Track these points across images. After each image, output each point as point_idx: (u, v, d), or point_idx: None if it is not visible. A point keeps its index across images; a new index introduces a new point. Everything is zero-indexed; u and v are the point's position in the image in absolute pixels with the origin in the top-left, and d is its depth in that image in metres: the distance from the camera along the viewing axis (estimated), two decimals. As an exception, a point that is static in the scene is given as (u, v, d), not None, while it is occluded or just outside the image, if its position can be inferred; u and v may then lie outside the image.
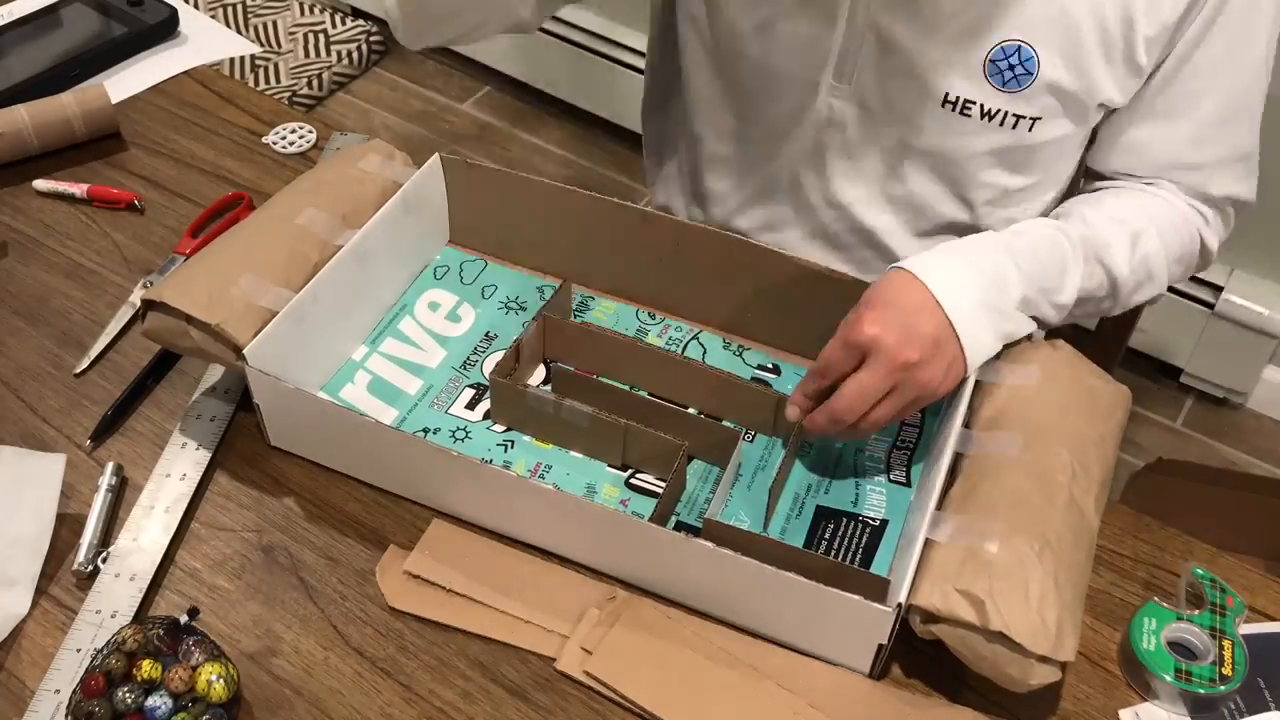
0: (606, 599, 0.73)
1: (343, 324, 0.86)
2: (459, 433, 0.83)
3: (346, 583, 0.75)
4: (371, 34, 2.46)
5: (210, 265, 0.80)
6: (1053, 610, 0.65)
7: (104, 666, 0.65)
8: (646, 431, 0.79)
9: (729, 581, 0.71)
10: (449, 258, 0.96)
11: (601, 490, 0.80)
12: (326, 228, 0.85)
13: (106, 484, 0.78)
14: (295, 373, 0.79)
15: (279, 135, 1.10)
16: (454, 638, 0.72)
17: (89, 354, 0.89)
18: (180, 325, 0.78)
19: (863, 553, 0.77)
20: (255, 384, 0.78)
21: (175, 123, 1.12)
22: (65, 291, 0.94)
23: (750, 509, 0.79)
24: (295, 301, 0.79)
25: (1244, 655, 0.71)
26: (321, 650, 0.72)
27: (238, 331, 0.76)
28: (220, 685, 0.65)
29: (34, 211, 1.02)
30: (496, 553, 0.76)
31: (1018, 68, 0.82)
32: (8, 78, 1.12)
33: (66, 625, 0.72)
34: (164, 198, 1.04)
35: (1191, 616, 0.73)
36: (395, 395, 0.85)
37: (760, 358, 0.90)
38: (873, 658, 0.70)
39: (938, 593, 0.66)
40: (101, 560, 0.75)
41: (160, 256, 0.97)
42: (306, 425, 0.79)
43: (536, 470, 0.81)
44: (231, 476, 0.81)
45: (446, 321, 0.91)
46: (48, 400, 0.86)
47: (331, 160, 0.92)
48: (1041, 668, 0.65)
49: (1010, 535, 0.68)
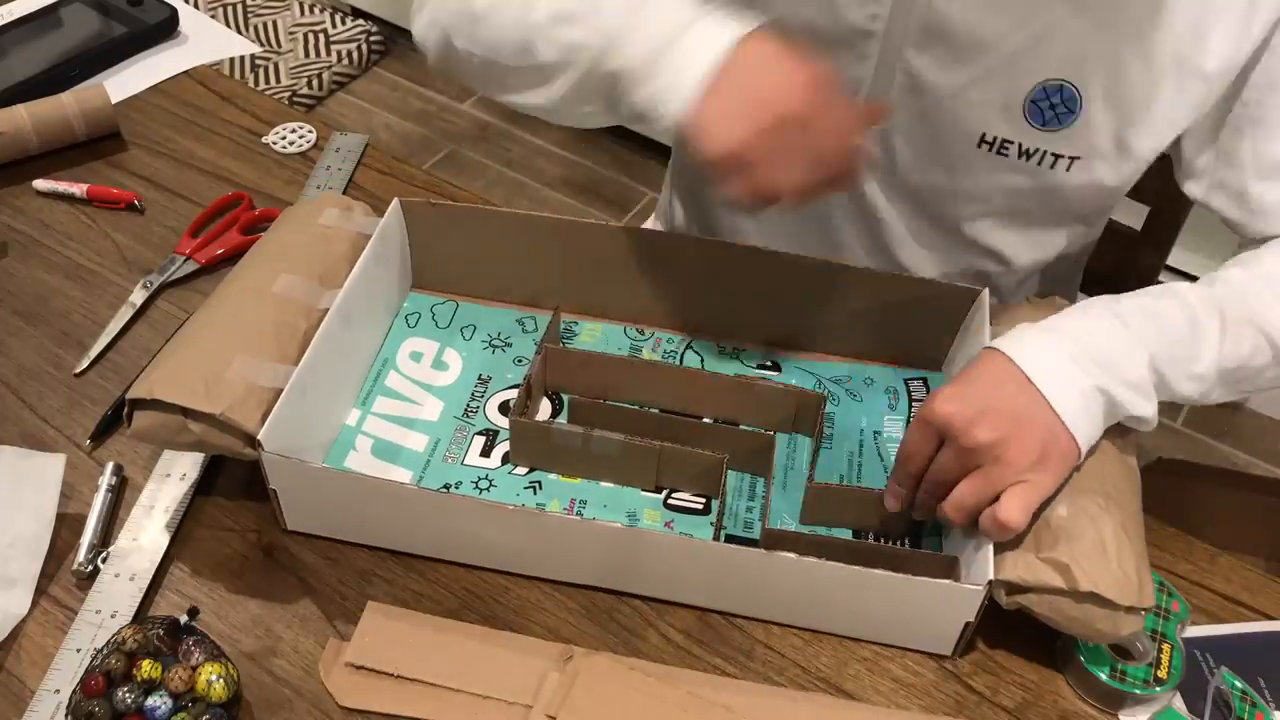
0: (564, 660, 0.71)
1: (337, 390, 0.83)
2: (482, 482, 0.80)
3: (346, 583, 0.75)
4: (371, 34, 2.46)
5: (196, 350, 0.74)
6: (1130, 560, 0.67)
7: (104, 666, 0.65)
8: (682, 450, 0.77)
9: (809, 588, 0.71)
10: (417, 303, 0.93)
11: (643, 516, 0.78)
12: (305, 292, 0.80)
13: (106, 484, 0.78)
14: (302, 449, 0.75)
15: (279, 135, 1.10)
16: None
17: (89, 354, 0.89)
18: (177, 420, 0.71)
19: (911, 536, 0.78)
20: (273, 471, 0.73)
21: (175, 123, 1.12)
22: (65, 291, 0.94)
23: (791, 509, 0.79)
24: (297, 375, 0.74)
25: (1181, 660, 0.71)
26: (321, 650, 0.72)
27: (244, 417, 0.71)
28: (220, 685, 0.65)
29: (34, 211, 1.02)
30: (438, 629, 0.72)
31: (1059, 107, 0.80)
32: (8, 78, 1.12)
33: (66, 625, 0.72)
34: (164, 198, 1.04)
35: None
36: (403, 455, 0.82)
37: (758, 357, 0.89)
38: (958, 637, 0.71)
39: (1022, 563, 0.68)
40: (101, 560, 0.75)
41: (160, 256, 0.98)
42: (333, 502, 0.75)
43: (571, 508, 0.78)
44: (231, 476, 0.81)
45: (434, 370, 0.87)
46: (48, 400, 0.86)
47: (288, 220, 0.88)
48: (1129, 617, 0.67)
49: (1074, 495, 0.69)
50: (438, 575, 0.76)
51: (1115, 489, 0.70)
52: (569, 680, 0.70)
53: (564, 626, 0.74)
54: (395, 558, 0.77)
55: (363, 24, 2.47)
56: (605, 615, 0.74)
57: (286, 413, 0.73)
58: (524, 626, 0.73)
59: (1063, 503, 0.69)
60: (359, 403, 0.85)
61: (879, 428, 0.84)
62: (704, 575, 0.73)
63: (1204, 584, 0.78)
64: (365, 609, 0.73)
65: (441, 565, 0.76)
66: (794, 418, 0.83)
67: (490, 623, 0.74)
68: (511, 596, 0.75)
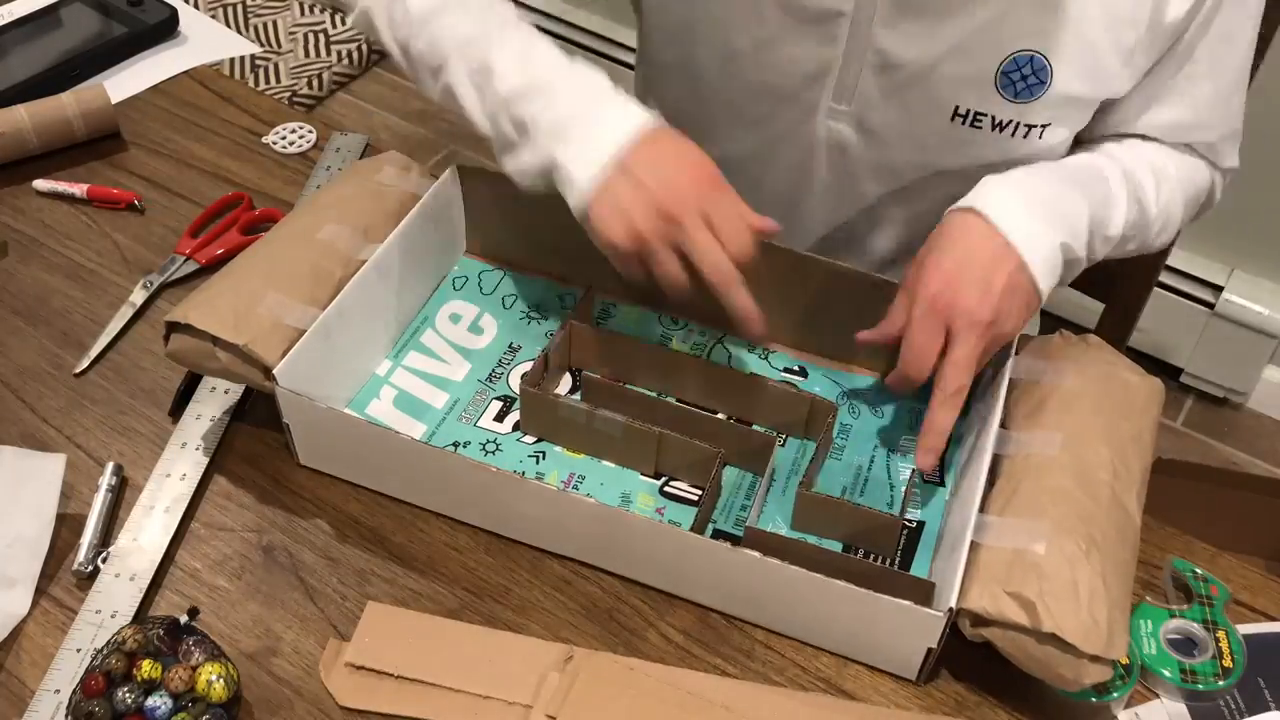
0: (563, 659, 0.71)
1: (367, 339, 0.86)
2: (489, 445, 0.82)
3: (346, 583, 0.75)
4: (371, 34, 2.46)
5: (234, 284, 0.79)
6: (1103, 609, 0.65)
7: (104, 666, 0.65)
8: (681, 439, 0.78)
9: (775, 590, 0.71)
10: (467, 268, 0.95)
11: (637, 500, 0.79)
12: (348, 242, 0.84)
13: (106, 484, 0.78)
14: (322, 390, 0.78)
15: (279, 135, 1.10)
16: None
17: (89, 354, 0.89)
18: (206, 347, 0.76)
19: (901, 554, 0.77)
20: (286, 404, 0.77)
21: (175, 123, 1.12)
22: (65, 291, 0.94)
23: (785, 513, 0.79)
24: (322, 319, 0.78)
25: (1240, 643, 0.71)
26: (321, 650, 0.72)
27: (265, 351, 0.75)
28: (220, 685, 0.65)
29: (34, 211, 1.02)
30: (439, 628, 0.73)
31: (1030, 78, 0.81)
32: (8, 78, 1.12)
33: (66, 625, 0.72)
34: (164, 198, 1.04)
35: (1183, 612, 0.73)
36: (422, 410, 0.84)
37: (786, 360, 0.89)
38: (921, 662, 0.70)
39: (988, 595, 0.66)
40: (101, 560, 0.75)
41: (160, 256, 0.97)
42: (339, 444, 0.78)
43: (570, 481, 0.80)
44: (231, 476, 0.81)
45: (469, 333, 0.90)
46: (48, 400, 0.86)
47: (348, 173, 0.91)
48: (1094, 666, 0.65)
49: (1056, 535, 0.67)
50: (438, 575, 0.76)
51: (1103, 535, 0.68)
52: (569, 680, 0.70)
53: (564, 626, 0.74)
54: (395, 558, 0.77)
55: (363, 24, 2.47)
56: (605, 615, 0.74)
57: (307, 353, 0.77)
58: (524, 626, 0.73)
59: (1041, 540, 0.67)
60: (392, 355, 0.88)
61: (894, 444, 0.84)
62: (676, 563, 0.73)
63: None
64: (365, 609, 0.73)
65: (441, 565, 0.76)
66: (806, 423, 0.83)
67: (490, 623, 0.74)
68: (512, 596, 0.75)
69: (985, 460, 0.73)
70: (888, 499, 0.80)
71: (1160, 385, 0.80)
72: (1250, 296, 1.76)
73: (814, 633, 0.72)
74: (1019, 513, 0.70)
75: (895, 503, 0.80)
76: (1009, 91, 0.82)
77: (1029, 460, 0.73)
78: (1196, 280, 1.79)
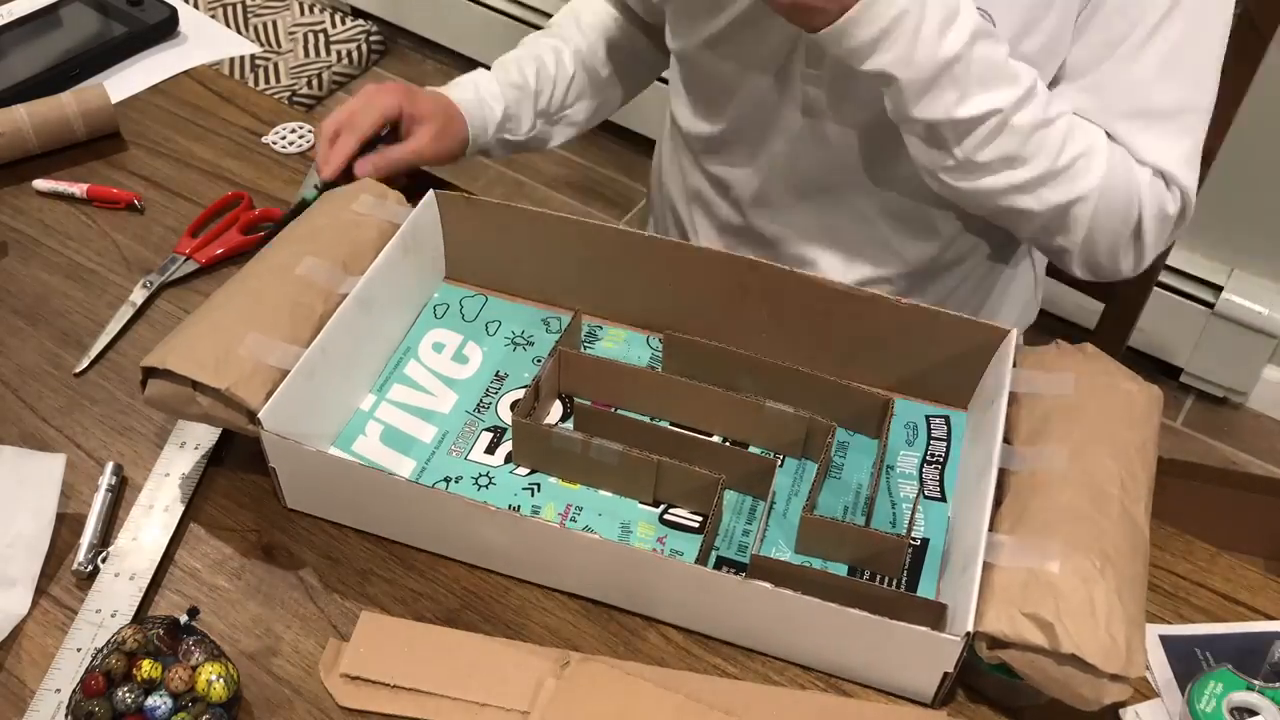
0: (560, 666, 0.70)
1: (351, 375, 0.83)
2: (482, 479, 0.80)
3: (346, 583, 0.75)
4: (371, 34, 2.46)
5: (212, 325, 0.76)
6: (1120, 626, 0.64)
7: (104, 666, 0.65)
8: (680, 466, 0.76)
9: (786, 620, 0.70)
10: (447, 295, 0.93)
11: (637, 529, 0.78)
12: (327, 276, 0.81)
13: (106, 484, 0.78)
14: (307, 430, 0.76)
15: (279, 135, 1.10)
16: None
17: (89, 354, 0.89)
18: (186, 392, 0.74)
19: (907, 573, 0.75)
20: (272, 449, 0.74)
21: (175, 122, 1.12)
22: (65, 291, 0.94)
23: (788, 537, 0.77)
24: (305, 358, 0.76)
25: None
26: (321, 650, 0.72)
27: (248, 394, 0.72)
28: (220, 685, 0.65)
29: (34, 211, 1.02)
30: (434, 636, 0.72)
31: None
32: (8, 78, 1.12)
33: (66, 625, 0.72)
34: (164, 198, 1.04)
35: (1265, 690, 0.69)
36: (409, 444, 0.82)
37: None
38: (937, 686, 0.69)
39: (1004, 618, 0.65)
40: (101, 560, 0.75)
41: (160, 256, 0.98)
42: (329, 487, 0.76)
43: (567, 513, 0.78)
44: (231, 477, 0.81)
45: (453, 363, 0.88)
46: (48, 400, 0.86)
47: (324, 203, 0.89)
48: (1114, 686, 0.64)
49: (1070, 553, 0.66)
50: (438, 575, 0.76)
51: (1115, 550, 0.67)
52: (566, 686, 0.70)
53: (564, 626, 0.74)
54: (395, 558, 0.77)
55: (363, 24, 2.46)
56: (605, 615, 0.74)
57: (292, 393, 0.75)
58: (524, 626, 0.74)
59: (1054, 558, 0.66)
60: (375, 389, 0.86)
61: (893, 462, 0.82)
62: (684, 595, 0.71)
63: (1204, 584, 0.78)
64: (359, 620, 0.73)
65: (441, 565, 0.76)
66: (804, 443, 0.82)
67: (490, 622, 0.74)
68: (512, 596, 0.75)
69: (991, 477, 0.72)
70: (890, 517, 0.79)
71: (1159, 393, 0.79)
72: (1250, 296, 1.76)
73: (826, 661, 0.71)
74: (1029, 531, 0.68)
75: (899, 520, 0.78)
76: None
77: (1035, 476, 0.72)
78: (1196, 280, 1.79)
